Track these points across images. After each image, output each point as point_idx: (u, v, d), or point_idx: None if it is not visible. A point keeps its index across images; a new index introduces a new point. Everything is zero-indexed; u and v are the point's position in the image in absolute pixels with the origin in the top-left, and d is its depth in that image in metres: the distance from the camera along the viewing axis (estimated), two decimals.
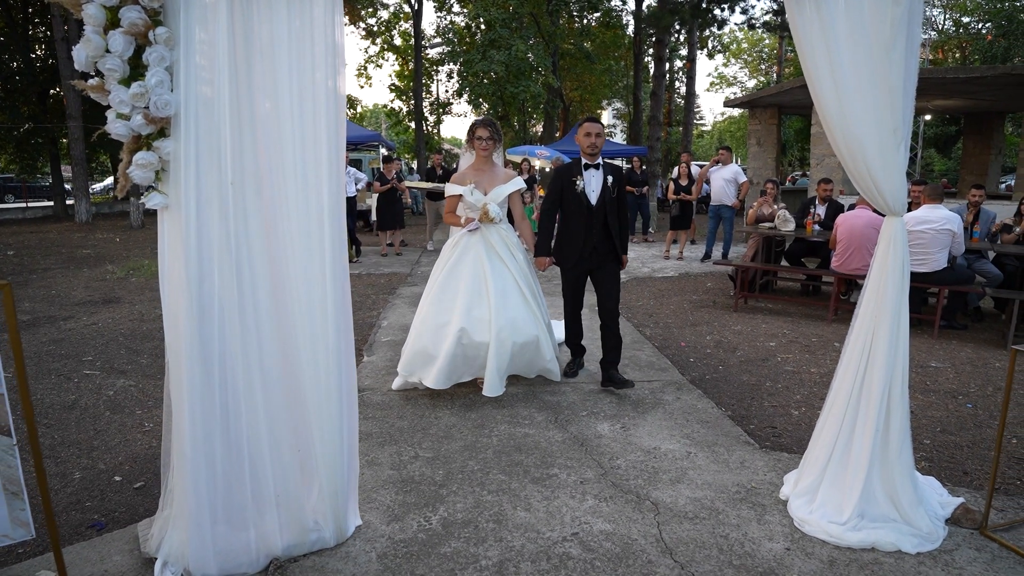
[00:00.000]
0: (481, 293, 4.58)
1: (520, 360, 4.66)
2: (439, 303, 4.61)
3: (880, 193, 2.79)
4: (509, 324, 4.50)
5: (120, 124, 2.31)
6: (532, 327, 4.62)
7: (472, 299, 4.54)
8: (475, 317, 4.50)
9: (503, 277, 4.65)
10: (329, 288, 2.62)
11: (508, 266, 4.68)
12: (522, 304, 4.64)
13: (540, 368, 4.82)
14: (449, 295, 4.60)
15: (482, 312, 4.52)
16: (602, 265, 4.84)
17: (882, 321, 2.89)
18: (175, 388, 2.54)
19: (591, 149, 4.70)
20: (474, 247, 4.68)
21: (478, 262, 4.64)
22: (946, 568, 2.66)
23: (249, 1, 2.40)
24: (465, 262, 4.66)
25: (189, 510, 2.55)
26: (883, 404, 2.92)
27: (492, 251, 4.68)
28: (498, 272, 4.64)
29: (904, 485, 2.93)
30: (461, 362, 4.49)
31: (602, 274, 4.87)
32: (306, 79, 2.51)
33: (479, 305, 4.54)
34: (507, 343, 4.48)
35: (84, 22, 2.27)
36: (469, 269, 4.63)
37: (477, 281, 4.60)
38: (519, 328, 4.55)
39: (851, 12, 2.58)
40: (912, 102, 2.73)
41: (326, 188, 2.53)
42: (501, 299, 4.54)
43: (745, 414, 4.48)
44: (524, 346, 4.59)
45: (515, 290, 4.65)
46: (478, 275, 4.62)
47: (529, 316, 4.64)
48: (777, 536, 2.89)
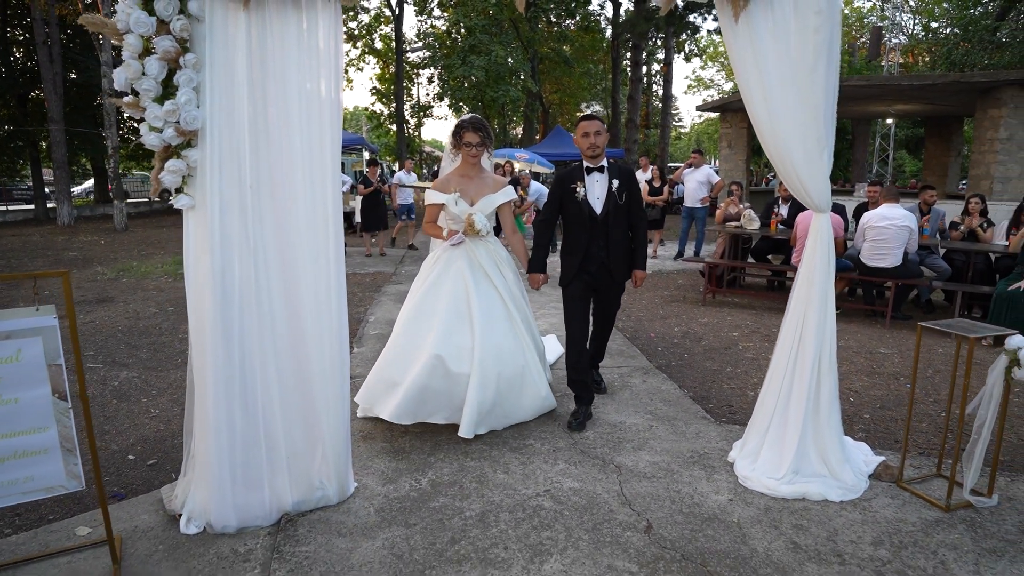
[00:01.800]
0: (463, 316, 4.00)
1: (508, 397, 4.04)
2: (414, 326, 4.04)
3: (807, 193, 3.24)
4: (494, 354, 3.93)
5: (154, 136, 2.70)
6: (519, 356, 4.07)
7: (452, 323, 3.96)
8: (455, 344, 3.90)
9: (489, 298, 4.10)
10: (332, 278, 3.02)
11: (495, 285, 4.14)
12: (508, 330, 4.09)
13: (532, 409, 4.19)
14: (425, 317, 4.02)
15: (463, 339, 3.94)
16: (608, 286, 4.33)
17: (811, 304, 3.35)
18: (199, 365, 2.93)
19: (592, 150, 4.12)
20: (457, 263, 4.13)
21: (460, 280, 4.09)
22: (863, 512, 3.12)
23: (263, 28, 2.80)
24: (446, 280, 4.11)
25: (211, 472, 2.94)
26: (813, 376, 3.37)
27: (478, 268, 4.14)
28: (484, 292, 4.09)
29: (833, 445, 3.39)
30: (432, 396, 3.84)
31: (605, 296, 4.42)
32: (312, 93, 2.90)
33: (460, 330, 3.96)
34: (491, 374, 3.90)
35: (123, 49, 2.65)
36: (450, 288, 4.07)
37: (458, 302, 4.04)
38: (504, 358, 3.98)
39: (778, 39, 3.03)
40: (833, 115, 3.18)
41: (330, 190, 2.94)
42: (487, 323, 3.98)
43: (705, 395, 4.92)
44: (510, 381, 4.02)
45: (502, 313, 4.11)
46: (459, 295, 4.06)
47: (516, 344, 4.08)
48: (723, 490, 3.33)
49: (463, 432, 3.77)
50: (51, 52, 20.79)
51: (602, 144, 4.14)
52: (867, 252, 7.30)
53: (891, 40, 36.39)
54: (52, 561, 2.78)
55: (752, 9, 2.94)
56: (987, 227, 8.08)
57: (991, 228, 8.08)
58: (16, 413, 2.41)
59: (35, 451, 2.46)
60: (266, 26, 2.77)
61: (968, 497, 3.17)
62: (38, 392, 2.43)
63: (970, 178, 12.88)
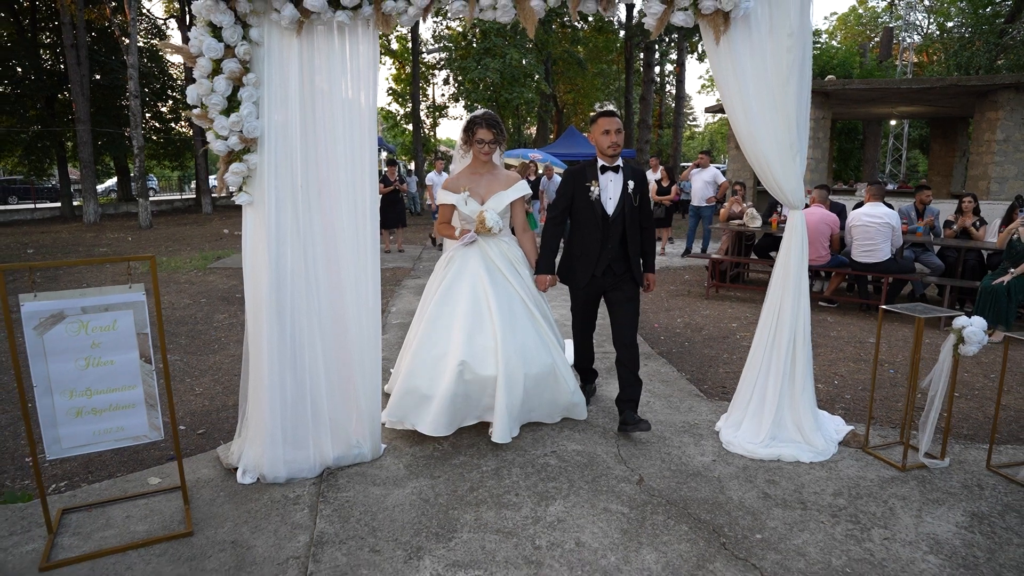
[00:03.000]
0: (483, 316, 3.86)
1: (537, 398, 3.96)
2: (433, 332, 3.90)
3: (783, 192, 3.69)
4: (519, 352, 3.82)
5: (220, 143, 3.19)
6: (545, 354, 3.94)
7: (473, 324, 3.83)
8: (478, 346, 3.78)
9: (508, 296, 3.97)
10: (369, 265, 3.51)
11: (512, 283, 4.02)
12: (531, 328, 3.97)
13: (564, 405, 4.10)
14: (445, 322, 3.90)
15: (486, 339, 3.80)
16: (618, 286, 4.14)
17: (787, 291, 3.79)
18: (255, 339, 3.42)
19: (612, 149, 3.95)
20: (471, 263, 4.02)
21: (477, 280, 3.96)
22: (829, 471, 3.57)
23: (312, 51, 3.29)
24: (462, 281, 3.99)
25: (264, 431, 3.43)
26: (789, 355, 3.82)
27: (492, 266, 4.02)
28: (501, 290, 3.96)
29: (806, 415, 3.83)
30: (463, 402, 3.76)
31: (617, 296, 4.15)
32: (353, 103, 3.38)
33: (481, 331, 3.82)
34: (518, 375, 3.78)
35: (195, 69, 3.15)
36: (467, 289, 3.94)
37: (477, 303, 3.90)
38: (531, 357, 3.87)
39: (755, 58, 3.47)
40: (806, 123, 3.62)
41: (368, 188, 3.42)
42: (508, 322, 3.85)
43: (701, 377, 5.36)
44: (539, 379, 3.90)
45: (523, 311, 3.98)
46: (478, 296, 3.92)
47: (541, 342, 3.97)
48: (708, 453, 3.79)
49: (497, 437, 3.67)
50: (79, 55, 21.47)
51: (621, 142, 3.99)
52: (856, 250, 7.71)
53: (905, 40, 36.51)
54: (133, 503, 3.28)
55: (732, 32, 3.39)
56: (980, 225, 8.45)
57: (984, 226, 8.44)
58: (112, 373, 2.91)
59: (126, 405, 2.96)
60: (314, 49, 3.27)
61: (923, 459, 3.61)
62: (129, 356, 2.93)
63: (968, 178, 13.22)
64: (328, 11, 3.09)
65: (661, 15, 3.26)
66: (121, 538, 2.96)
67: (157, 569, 2.73)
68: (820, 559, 2.75)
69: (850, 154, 30.61)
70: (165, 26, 31.45)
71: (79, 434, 2.91)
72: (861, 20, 46.07)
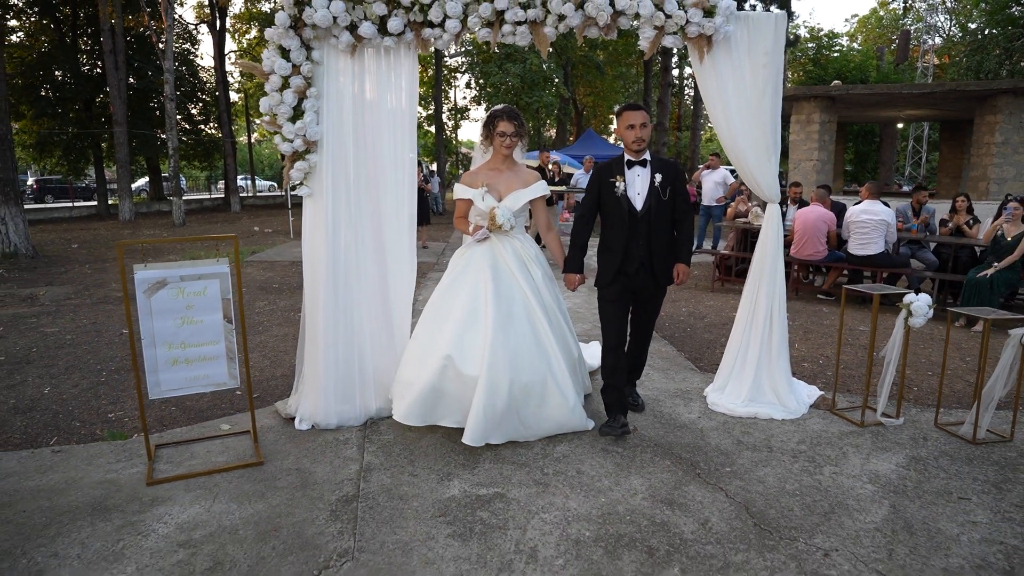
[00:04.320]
0: (478, 316, 3.78)
1: (526, 408, 3.77)
2: (431, 323, 3.90)
3: (760, 187, 4.29)
4: (508, 358, 3.66)
5: (286, 145, 3.87)
6: (540, 363, 3.77)
7: (467, 322, 3.76)
8: (467, 344, 3.71)
9: (510, 297, 3.85)
10: (407, 247, 4.17)
11: (521, 283, 3.90)
12: (528, 333, 3.81)
13: (560, 421, 3.86)
14: (442, 315, 3.88)
15: (475, 338, 3.72)
16: (649, 288, 4.08)
17: (764, 273, 4.40)
18: (311, 308, 4.09)
19: (637, 144, 3.85)
20: (479, 260, 3.95)
21: (480, 278, 3.88)
22: (797, 426, 4.17)
23: (363, 68, 3.96)
24: (465, 278, 3.94)
25: (319, 385, 4.10)
26: (766, 328, 4.42)
27: (501, 264, 3.94)
28: (505, 290, 3.86)
29: (781, 380, 4.43)
30: (442, 398, 3.70)
31: (646, 298, 4.17)
32: (396, 110, 4.05)
33: (473, 329, 3.74)
34: (502, 382, 3.63)
35: (267, 84, 3.83)
36: (469, 286, 3.89)
37: (476, 301, 3.82)
38: (521, 364, 3.71)
39: (735, 74, 4.08)
40: (778, 130, 4.22)
41: (408, 183, 4.09)
42: (502, 324, 3.73)
43: (698, 356, 5.96)
44: (529, 388, 3.73)
45: (523, 315, 3.84)
46: (477, 294, 3.84)
47: (537, 350, 3.79)
48: (694, 412, 4.41)
49: (468, 438, 3.56)
50: (116, 60, 22.42)
51: (647, 137, 3.88)
52: (853, 243, 8.26)
53: (926, 42, 36.65)
54: (210, 442, 3.97)
55: (715, 52, 4.00)
56: (972, 224, 8.95)
57: (976, 225, 8.94)
58: (202, 330, 3.59)
59: (211, 357, 3.65)
60: (365, 66, 3.94)
61: (880, 418, 4.19)
62: (215, 317, 3.61)
63: (969, 179, 13.68)
64: (377, 37, 3.76)
65: (653, 39, 3.88)
66: (206, 465, 3.64)
67: (239, 486, 3.40)
68: (776, 485, 3.37)
69: (867, 156, 30.87)
70: (196, 31, 32.57)
71: (174, 379, 3.60)
72: (882, 22, 46.20)
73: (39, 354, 6.02)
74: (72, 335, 6.75)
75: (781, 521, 3.02)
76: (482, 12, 3.72)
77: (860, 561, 2.70)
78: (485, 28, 3.82)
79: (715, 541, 2.85)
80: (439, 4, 3.70)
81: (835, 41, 39.27)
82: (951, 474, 3.51)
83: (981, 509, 3.13)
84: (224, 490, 3.36)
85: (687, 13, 3.81)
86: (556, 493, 3.27)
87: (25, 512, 3.15)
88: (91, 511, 3.16)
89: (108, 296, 9.02)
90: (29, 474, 3.57)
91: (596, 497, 3.24)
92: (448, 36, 3.83)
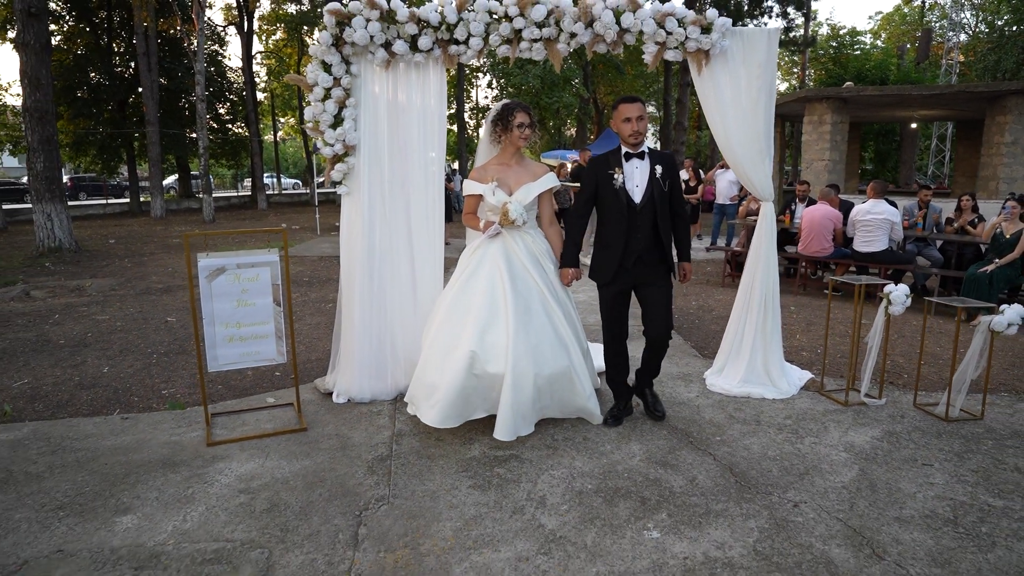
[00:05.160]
0: (498, 312, 3.82)
1: (549, 398, 3.89)
2: (449, 324, 3.91)
3: (755, 186, 4.70)
4: (530, 352, 3.74)
5: (328, 149, 4.35)
6: (561, 356, 3.86)
7: (487, 319, 3.80)
8: (489, 342, 3.75)
9: (527, 292, 3.90)
10: (436, 240, 4.64)
11: (535, 278, 3.95)
12: (547, 326, 3.87)
13: (576, 408, 4.02)
14: (460, 314, 3.90)
15: (497, 336, 3.76)
16: (650, 280, 4.03)
17: (759, 265, 4.81)
18: (348, 294, 4.57)
19: (634, 137, 3.85)
20: (493, 256, 3.99)
21: (496, 274, 3.92)
22: (786, 404, 4.58)
23: (396, 80, 4.43)
24: (481, 275, 3.97)
25: (355, 363, 4.59)
26: (760, 315, 4.83)
27: (515, 260, 3.97)
28: (521, 285, 3.90)
29: (774, 364, 4.84)
30: (470, 395, 3.75)
31: (650, 291, 4.06)
32: (425, 118, 4.51)
33: (494, 327, 3.79)
34: (527, 377, 3.71)
35: (311, 95, 4.31)
36: (485, 283, 3.92)
37: (494, 298, 3.86)
38: (543, 358, 3.79)
39: (732, 83, 4.49)
40: (771, 134, 4.61)
41: (436, 182, 4.56)
42: (522, 319, 3.78)
43: (703, 345, 6.37)
44: (553, 379, 3.84)
45: (540, 309, 3.89)
46: (495, 290, 3.88)
47: (557, 342, 3.87)
48: (693, 391, 4.84)
49: (499, 434, 3.68)
50: (149, 62, 23.18)
51: (644, 130, 3.88)
52: (858, 241, 8.61)
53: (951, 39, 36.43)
54: (258, 412, 4.48)
55: (712, 65, 4.42)
56: (977, 222, 9.24)
57: (980, 223, 9.23)
58: (254, 311, 4.09)
59: (262, 336, 4.14)
60: (398, 79, 4.42)
61: (863, 398, 4.59)
62: (266, 300, 4.11)
63: (979, 179, 13.90)
64: (409, 53, 4.24)
65: (656, 53, 4.31)
66: (256, 431, 4.15)
67: (287, 447, 3.90)
68: (759, 452, 3.79)
69: (887, 155, 30.88)
70: (224, 32, 33.38)
71: (230, 354, 4.11)
72: (905, 19, 45.91)
73: (94, 338, 6.60)
74: (121, 322, 7.33)
75: (760, 479, 3.45)
76: (502, 31, 4.18)
77: (824, 511, 3.13)
78: (504, 45, 4.27)
79: (700, 494, 3.29)
80: (464, 24, 4.17)
81: (858, 39, 39.20)
82: (920, 445, 3.91)
83: (940, 473, 3.54)
84: (274, 450, 3.86)
85: (686, 30, 4.23)
86: (564, 455, 3.73)
87: (107, 464, 3.67)
88: (162, 465, 3.67)
89: (150, 288, 9.62)
90: (104, 436, 4.10)
91: (599, 459, 3.69)
92: (472, 52, 4.29)
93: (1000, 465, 3.63)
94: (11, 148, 30.43)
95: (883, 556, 2.75)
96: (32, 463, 3.71)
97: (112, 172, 30.54)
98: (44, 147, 12.71)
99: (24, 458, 3.77)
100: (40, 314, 7.79)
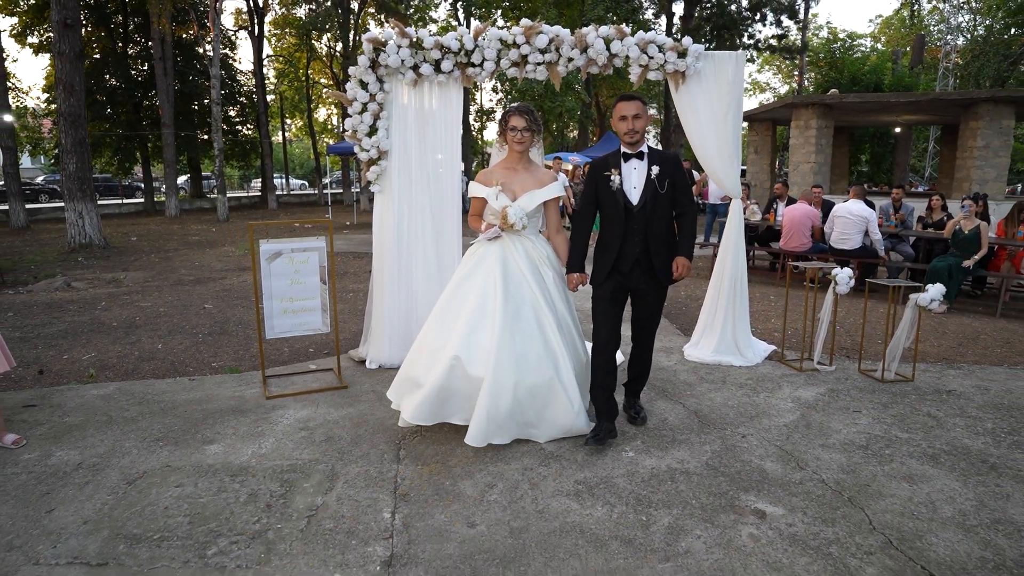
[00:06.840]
0: (486, 316, 3.79)
1: (532, 412, 3.79)
2: (440, 323, 3.92)
3: (724, 185, 5.53)
4: (513, 360, 3.66)
5: (364, 154, 5.19)
6: (547, 366, 3.74)
7: (476, 323, 3.78)
8: (475, 345, 3.72)
9: (518, 298, 3.84)
10: (456, 231, 5.46)
11: (531, 284, 3.88)
12: (536, 335, 3.78)
13: (562, 427, 3.84)
14: (451, 315, 3.89)
15: (483, 339, 3.73)
16: (643, 289, 3.97)
17: (728, 252, 5.63)
18: (379, 276, 5.40)
19: (631, 136, 3.76)
20: (488, 260, 3.95)
21: (489, 278, 3.88)
22: (750, 370, 5.41)
23: (422, 95, 5.27)
24: (475, 277, 3.94)
25: (385, 335, 5.42)
26: (730, 295, 5.65)
27: (511, 265, 3.92)
28: (514, 290, 3.84)
29: (742, 336, 5.66)
30: (450, 397, 3.75)
31: (642, 296, 4.03)
32: (446, 126, 5.34)
33: (481, 330, 3.76)
34: (506, 384, 3.64)
35: (350, 108, 5.15)
36: (478, 286, 3.90)
37: (485, 301, 3.83)
38: (528, 366, 3.70)
39: (707, 97, 5.31)
40: (739, 141, 5.44)
41: (456, 182, 5.40)
42: (509, 326, 3.72)
43: (688, 328, 7.18)
44: (534, 390, 3.73)
45: (531, 316, 3.82)
46: (487, 293, 3.84)
47: (544, 352, 3.76)
48: (673, 361, 5.67)
49: (471, 439, 3.60)
50: (165, 66, 24.01)
51: (642, 128, 3.78)
52: (834, 238, 9.43)
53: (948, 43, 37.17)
54: (303, 376, 5.32)
55: (688, 83, 5.25)
56: (946, 220, 10.04)
57: (949, 221, 10.04)
58: (304, 289, 4.93)
59: (310, 309, 4.98)
60: (423, 94, 5.26)
61: (816, 365, 5.42)
62: (314, 279, 4.95)
63: (955, 180, 14.72)
64: (433, 74, 5.07)
65: (640, 74, 5.15)
66: (305, 388, 4.98)
67: (332, 399, 4.73)
68: (721, 402, 4.63)
69: (882, 158, 31.67)
70: (235, 36, 34.30)
71: (284, 324, 4.95)
72: (905, 23, 46.66)
73: (143, 321, 7.44)
74: (164, 308, 8.17)
75: (718, 420, 4.28)
76: (511, 56, 5.02)
77: (766, 441, 3.96)
78: (513, 67, 5.11)
79: (669, 428, 4.13)
80: (479, 50, 5.01)
81: (856, 43, 39.96)
82: (854, 399, 4.74)
83: (865, 418, 4.37)
84: (323, 401, 4.70)
85: (665, 55, 5.07)
86: None
87: (187, 411, 4.51)
88: (232, 412, 4.51)
89: (181, 280, 10.47)
90: (177, 392, 4.94)
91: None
92: (486, 73, 5.13)
93: (916, 412, 4.46)
94: (31, 149, 31.35)
95: (804, 467, 3.59)
96: (125, 411, 4.55)
97: (126, 173, 31.43)
98: (77, 149, 13.54)
99: (118, 407, 4.61)
100: (87, 302, 8.63)
